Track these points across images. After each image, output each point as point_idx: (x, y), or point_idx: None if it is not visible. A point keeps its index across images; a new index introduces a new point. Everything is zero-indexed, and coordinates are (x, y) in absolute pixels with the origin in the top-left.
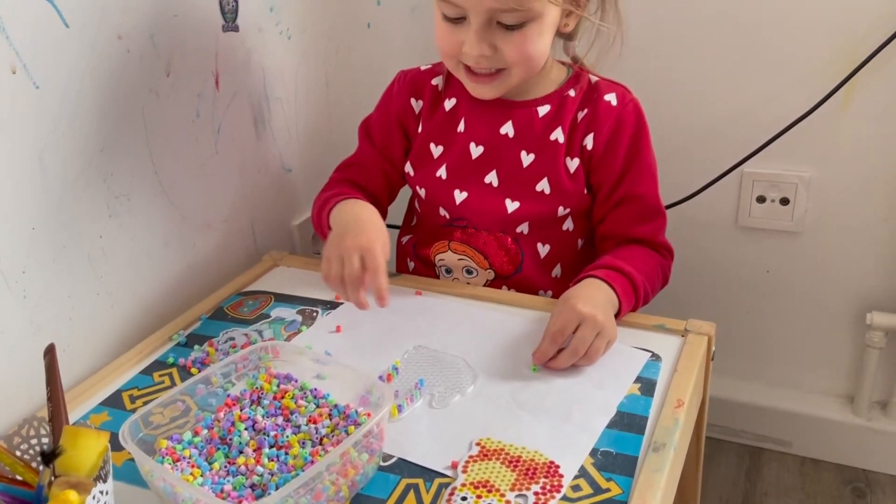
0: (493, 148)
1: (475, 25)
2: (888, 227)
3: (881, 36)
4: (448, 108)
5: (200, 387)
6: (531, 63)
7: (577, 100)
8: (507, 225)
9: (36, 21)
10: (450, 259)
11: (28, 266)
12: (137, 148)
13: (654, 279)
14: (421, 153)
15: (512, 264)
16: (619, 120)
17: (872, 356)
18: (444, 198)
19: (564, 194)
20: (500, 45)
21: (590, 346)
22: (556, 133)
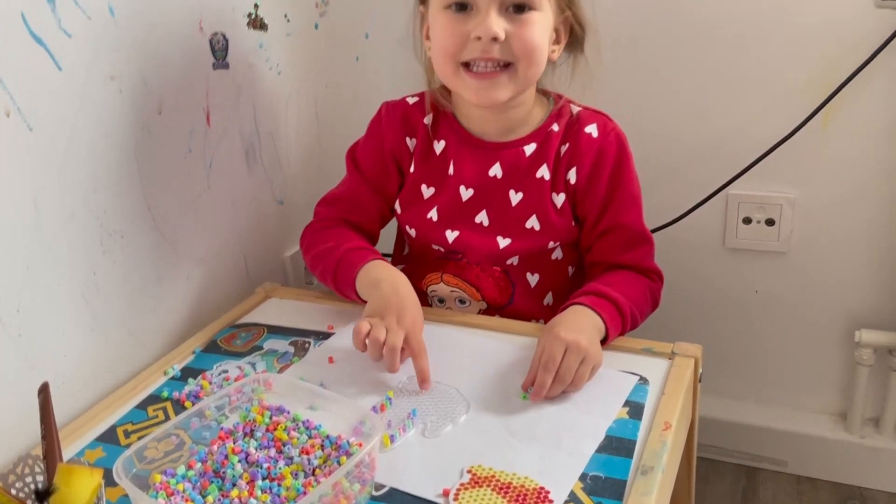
0: (482, 189)
1: (485, 6)
2: (872, 244)
3: (856, 61)
4: (438, 150)
5: (194, 420)
6: (534, 57)
7: (560, 134)
8: (499, 259)
9: (29, 65)
10: (442, 290)
11: (22, 305)
12: (130, 185)
13: (643, 303)
14: (411, 194)
15: (504, 296)
16: (600, 151)
17: (863, 373)
18: (436, 237)
19: (553, 229)
20: (510, 31)
21: (575, 374)
22: (541, 170)
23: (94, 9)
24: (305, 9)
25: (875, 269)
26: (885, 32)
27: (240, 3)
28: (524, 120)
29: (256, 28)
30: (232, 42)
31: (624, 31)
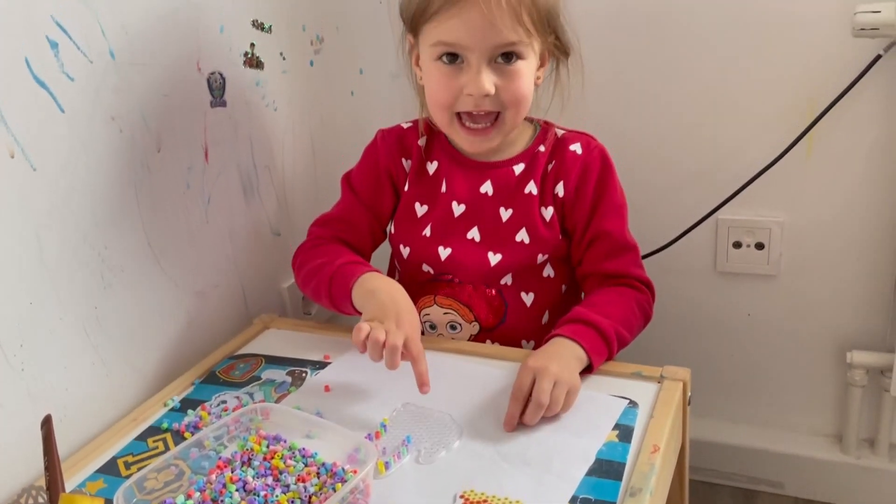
0: (473, 206)
1: (476, 64)
2: (860, 266)
3: (837, 88)
4: (431, 171)
5: (193, 450)
6: (521, 106)
7: (547, 153)
8: (490, 277)
9: (33, 107)
10: (435, 314)
11: (26, 339)
12: (131, 221)
13: (630, 318)
14: (406, 212)
15: (496, 316)
16: (584, 166)
17: (856, 394)
18: (428, 254)
19: (542, 241)
20: (499, 84)
21: (550, 398)
22: (529, 186)
23: (96, 52)
24: (300, 47)
25: (864, 291)
26: (863, 61)
27: (236, 43)
28: (512, 141)
29: (253, 67)
30: (229, 80)
31: (611, 58)
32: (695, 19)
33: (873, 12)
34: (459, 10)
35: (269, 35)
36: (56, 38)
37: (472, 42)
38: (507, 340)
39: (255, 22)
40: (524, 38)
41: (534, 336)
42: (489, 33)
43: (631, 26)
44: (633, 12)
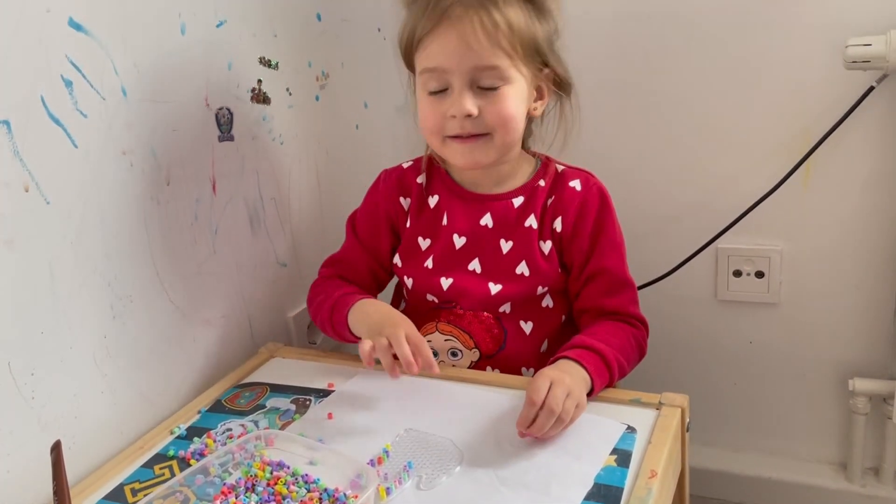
0: (474, 237)
1: (458, 87)
2: (860, 294)
3: (831, 119)
4: (432, 205)
5: (199, 477)
6: (509, 128)
7: (546, 188)
8: (491, 306)
9: (47, 143)
10: (437, 341)
11: (36, 368)
12: (140, 252)
13: (629, 351)
14: (409, 247)
15: (495, 343)
16: (583, 202)
17: (859, 422)
18: (431, 285)
19: (541, 274)
20: (482, 107)
21: (563, 406)
22: (529, 220)
23: (108, 90)
24: (306, 82)
25: (865, 318)
26: (856, 92)
27: (244, 79)
28: (512, 174)
29: (259, 102)
30: (236, 115)
31: (610, 90)
32: (691, 53)
33: (864, 45)
34: (438, 35)
35: (276, 71)
36: (70, 76)
37: (451, 64)
38: (507, 367)
39: (262, 59)
40: (503, 61)
41: (533, 363)
42: (466, 55)
43: (629, 59)
44: (631, 46)
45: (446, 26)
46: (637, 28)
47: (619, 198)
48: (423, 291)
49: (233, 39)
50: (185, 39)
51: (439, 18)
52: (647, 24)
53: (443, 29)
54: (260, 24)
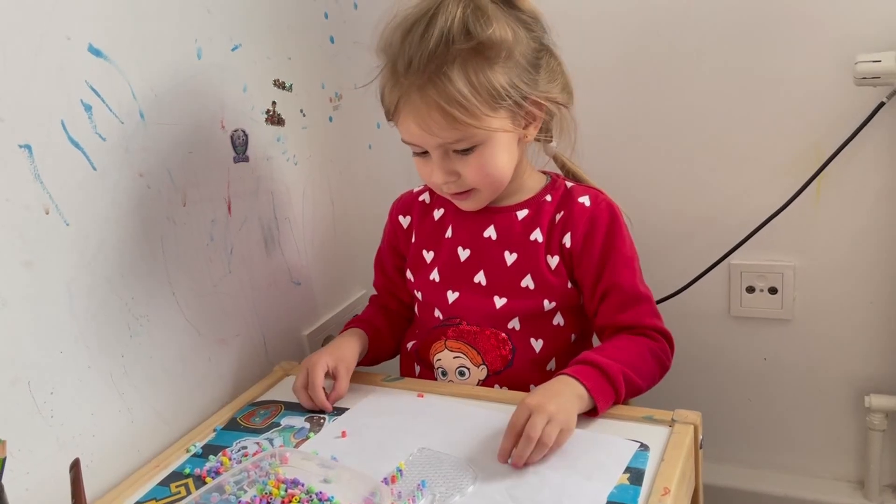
0: (478, 250)
1: (434, 158)
2: (875, 309)
3: (843, 135)
4: (437, 217)
5: (214, 495)
6: (493, 180)
7: (554, 203)
8: (497, 321)
9: (67, 167)
10: (446, 358)
11: (55, 387)
12: (156, 272)
13: (641, 366)
14: (416, 260)
15: (503, 359)
16: (592, 218)
17: (876, 439)
18: (437, 299)
19: (548, 288)
20: (460, 170)
21: (542, 434)
22: (535, 234)
23: (127, 114)
24: (320, 104)
25: (880, 334)
26: (867, 108)
27: (258, 101)
28: (518, 189)
29: (274, 124)
30: (251, 137)
31: (623, 109)
32: (702, 71)
33: (874, 61)
34: (403, 119)
35: (290, 93)
36: (90, 101)
37: (420, 142)
38: (514, 384)
39: (276, 81)
40: (468, 129)
41: (540, 381)
42: (428, 137)
43: (640, 76)
44: (642, 62)
45: (406, 112)
46: (648, 45)
47: (631, 214)
48: (432, 306)
49: (248, 63)
50: (201, 63)
51: (398, 101)
52: (657, 41)
53: (404, 115)
54: (274, 47)
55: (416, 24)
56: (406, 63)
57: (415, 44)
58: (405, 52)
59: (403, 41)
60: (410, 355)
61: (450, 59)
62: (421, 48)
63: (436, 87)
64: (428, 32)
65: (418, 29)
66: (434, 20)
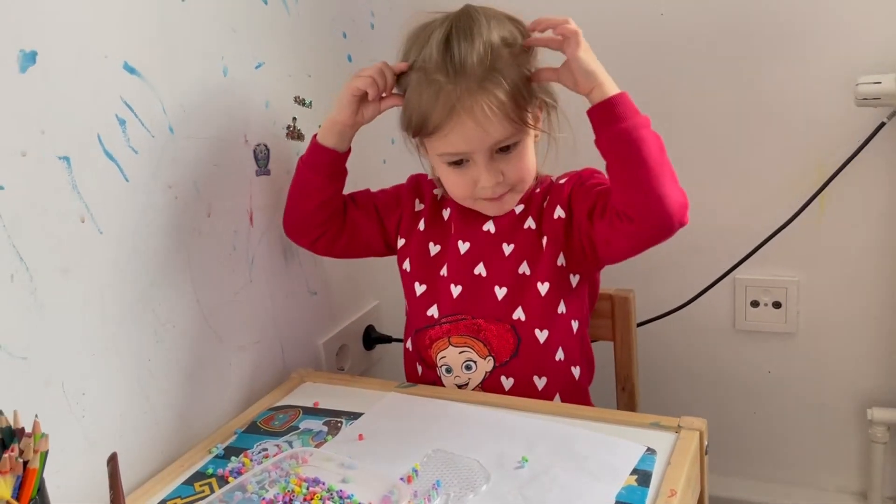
0: (477, 243)
1: (482, 161)
2: (878, 324)
3: (844, 154)
4: (445, 216)
5: (237, 494)
6: (529, 176)
7: (542, 194)
8: (501, 312)
9: (102, 178)
10: (451, 355)
11: (87, 389)
12: (182, 280)
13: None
14: (420, 250)
15: (509, 350)
16: (570, 181)
17: (878, 451)
18: (441, 292)
19: (542, 270)
20: (504, 169)
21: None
22: (528, 222)
23: (157, 128)
24: None
25: (882, 348)
26: (868, 128)
27: (280, 117)
28: None
29: (294, 138)
30: (273, 151)
31: None
32: (709, 90)
33: (874, 83)
34: (455, 126)
35: (310, 109)
36: (124, 116)
37: (471, 148)
38: (520, 375)
39: (297, 98)
40: (514, 130)
41: (546, 372)
42: (485, 138)
43: (648, 94)
44: (650, 81)
45: (462, 118)
46: (654, 67)
47: None
48: (431, 301)
49: (270, 80)
50: (227, 80)
51: (451, 111)
52: (664, 63)
53: (459, 120)
54: (295, 65)
55: (450, 36)
56: (457, 68)
57: (463, 53)
58: (452, 61)
59: (446, 51)
60: (412, 356)
61: (496, 61)
62: (471, 54)
63: (492, 84)
64: (472, 40)
65: (460, 40)
66: (475, 29)
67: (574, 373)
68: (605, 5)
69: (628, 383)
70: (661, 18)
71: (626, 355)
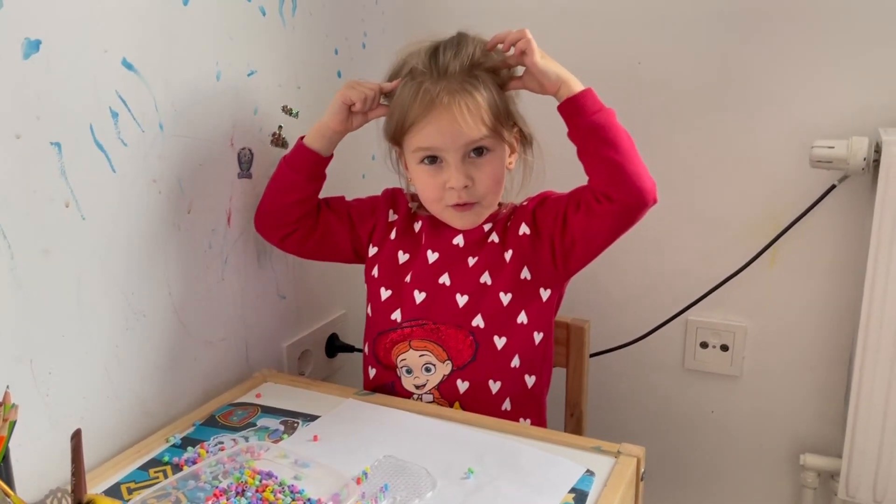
0: (445, 254)
1: (453, 162)
2: (816, 374)
3: (797, 210)
4: (416, 228)
5: (191, 482)
6: (498, 189)
7: (507, 213)
8: (461, 319)
9: (90, 166)
10: (411, 358)
11: (54, 369)
12: (157, 272)
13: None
14: (389, 258)
15: (467, 354)
16: (531, 202)
17: (808, 496)
18: (405, 297)
19: (504, 281)
20: (474, 175)
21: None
22: (492, 237)
23: (148, 124)
24: None
25: (819, 397)
26: (820, 189)
27: (267, 124)
28: None
29: (278, 146)
30: (257, 156)
31: None
32: (675, 142)
33: (828, 147)
34: (431, 120)
35: (296, 119)
36: (117, 108)
37: (445, 144)
38: (476, 380)
39: (284, 107)
40: (488, 133)
41: (501, 377)
42: (459, 135)
43: None
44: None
45: (439, 112)
46: (630, 109)
47: (599, 265)
48: (395, 306)
49: (261, 88)
50: (220, 85)
51: (430, 105)
52: (635, 111)
53: (436, 114)
54: (286, 76)
55: (441, 47)
56: (441, 71)
57: (447, 58)
58: (438, 65)
59: (433, 57)
60: (369, 360)
61: (479, 71)
62: (455, 61)
63: (472, 87)
64: (458, 50)
65: (446, 49)
66: (462, 43)
67: (528, 381)
68: (587, 49)
69: (577, 409)
70: (638, 67)
71: (578, 383)
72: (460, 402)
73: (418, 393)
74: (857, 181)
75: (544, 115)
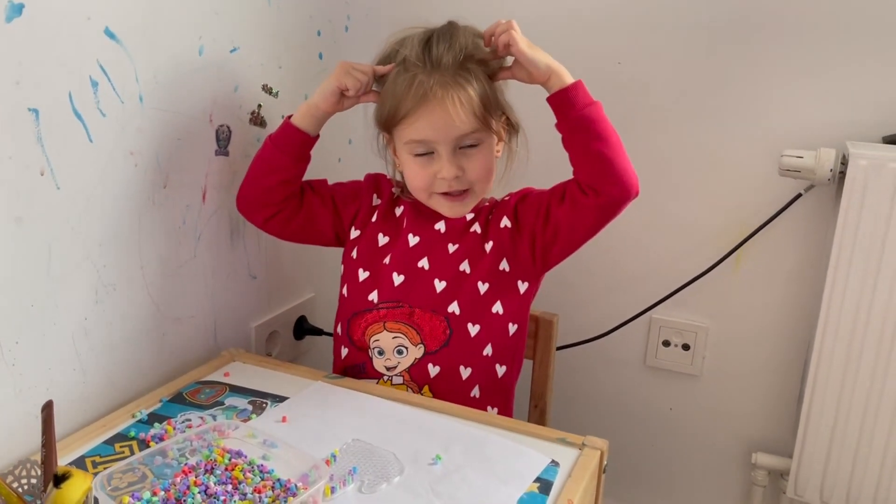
0: (426, 238)
1: (445, 154)
2: (773, 377)
3: (763, 216)
4: (398, 213)
5: (157, 458)
6: (489, 178)
7: (490, 206)
8: (438, 304)
9: (67, 135)
10: (384, 339)
11: (21, 338)
12: (129, 246)
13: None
14: (369, 241)
15: (439, 340)
16: (513, 197)
17: (757, 493)
18: (383, 280)
19: (482, 270)
20: (465, 166)
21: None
22: (474, 227)
23: (128, 95)
24: None
25: (773, 399)
26: (787, 196)
27: (246, 102)
28: None
29: (256, 125)
30: (235, 134)
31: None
32: (649, 139)
33: (797, 157)
34: (424, 113)
35: (276, 99)
36: (97, 78)
37: (438, 137)
38: (447, 365)
39: (265, 86)
40: (479, 126)
41: (472, 364)
42: (451, 128)
43: None
44: None
45: (432, 105)
46: (608, 107)
47: (568, 261)
48: (372, 288)
49: (242, 65)
50: (202, 60)
51: (423, 98)
52: (617, 106)
53: (428, 107)
54: (268, 55)
55: (434, 37)
56: (434, 64)
57: (441, 50)
58: (431, 57)
59: (426, 49)
60: (342, 340)
61: (471, 63)
62: (448, 54)
63: (464, 80)
64: (451, 42)
65: (440, 41)
66: (454, 34)
67: (498, 370)
68: (570, 49)
69: (541, 401)
70: (618, 67)
71: (543, 375)
72: (430, 385)
73: (388, 374)
74: (823, 191)
75: (526, 102)
